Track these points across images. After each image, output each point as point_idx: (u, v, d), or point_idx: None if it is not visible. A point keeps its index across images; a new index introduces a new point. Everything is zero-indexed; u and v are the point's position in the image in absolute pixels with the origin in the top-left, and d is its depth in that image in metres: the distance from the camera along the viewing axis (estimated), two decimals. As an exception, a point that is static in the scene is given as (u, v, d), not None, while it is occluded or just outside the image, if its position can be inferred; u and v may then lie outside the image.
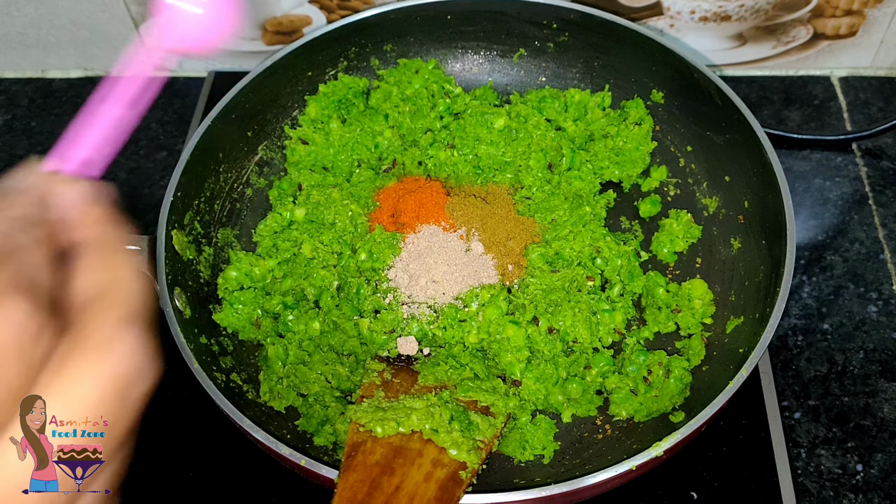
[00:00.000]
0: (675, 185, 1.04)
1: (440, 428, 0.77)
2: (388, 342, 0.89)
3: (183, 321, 0.84)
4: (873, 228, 1.07)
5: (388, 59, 1.12)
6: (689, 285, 0.93)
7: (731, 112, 0.95)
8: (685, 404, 0.85)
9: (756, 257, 0.91)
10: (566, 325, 0.89)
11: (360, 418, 0.77)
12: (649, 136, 1.03)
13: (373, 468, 0.73)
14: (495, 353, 0.89)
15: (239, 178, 1.04)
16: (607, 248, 0.95)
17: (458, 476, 0.74)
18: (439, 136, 1.05)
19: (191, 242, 0.93)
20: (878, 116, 1.18)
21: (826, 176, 1.12)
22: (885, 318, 0.99)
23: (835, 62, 1.22)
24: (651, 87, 1.06)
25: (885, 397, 0.93)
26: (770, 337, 0.79)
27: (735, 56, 1.22)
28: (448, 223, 0.95)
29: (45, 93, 1.27)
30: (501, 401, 0.83)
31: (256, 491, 0.86)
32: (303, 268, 0.93)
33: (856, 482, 0.87)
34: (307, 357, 0.88)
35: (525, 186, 1.01)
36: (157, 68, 0.55)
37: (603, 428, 0.87)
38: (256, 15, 1.19)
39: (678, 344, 0.92)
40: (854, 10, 1.14)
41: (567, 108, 1.07)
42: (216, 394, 0.78)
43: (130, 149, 1.19)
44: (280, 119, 1.08)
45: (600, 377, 0.88)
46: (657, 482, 0.85)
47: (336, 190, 0.99)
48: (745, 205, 0.95)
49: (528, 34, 1.10)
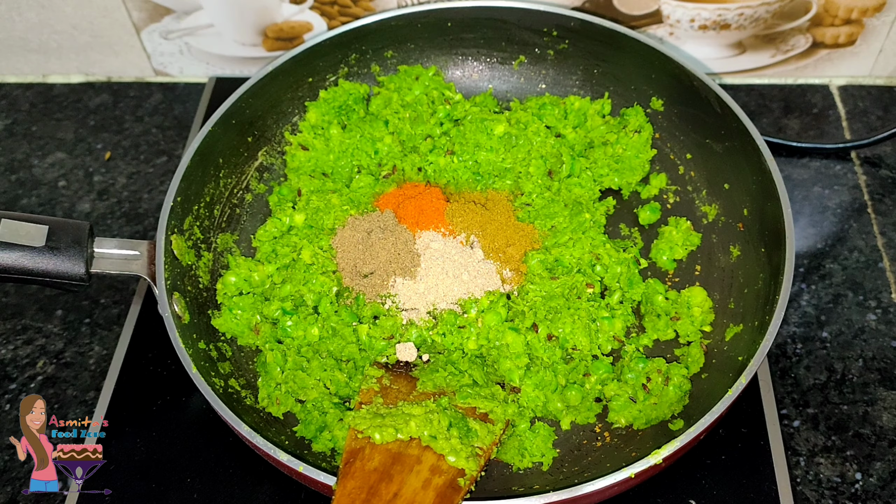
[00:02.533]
0: (674, 192, 1.04)
1: (439, 434, 0.77)
2: (387, 348, 0.89)
3: (181, 326, 0.84)
4: (872, 237, 1.07)
5: (389, 65, 1.12)
6: (688, 293, 0.93)
7: (731, 120, 0.95)
8: (684, 412, 0.85)
9: (755, 265, 0.91)
10: (565, 332, 0.89)
11: (359, 425, 0.77)
12: (649, 144, 1.03)
13: (371, 475, 0.73)
14: (494, 359, 0.88)
15: (239, 183, 1.04)
16: (607, 256, 0.95)
17: (457, 483, 0.74)
18: (439, 142, 1.05)
19: (190, 248, 0.93)
20: (876, 125, 1.18)
21: (825, 184, 1.12)
22: (884, 327, 0.99)
23: (834, 71, 1.22)
24: (651, 94, 1.06)
25: (883, 406, 0.93)
26: (769, 345, 0.79)
27: (734, 64, 1.22)
28: (447, 229, 0.95)
29: (45, 98, 1.27)
30: (500, 407, 0.83)
31: (255, 498, 0.86)
32: (302, 273, 0.93)
33: (854, 491, 0.87)
34: (305, 363, 0.88)
35: (525, 193, 1.01)
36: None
37: (602, 435, 0.87)
38: (257, 21, 1.20)
39: (677, 351, 0.91)
40: (853, 19, 1.14)
41: (567, 116, 1.07)
42: (214, 399, 0.78)
43: (131, 154, 1.20)
44: (280, 125, 1.08)
45: (599, 384, 0.88)
46: (656, 490, 0.85)
47: (335, 195, 0.99)
48: (744, 212, 0.96)
49: (528, 41, 1.10)
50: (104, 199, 1.14)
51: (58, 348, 1.00)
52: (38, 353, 1.00)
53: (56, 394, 0.96)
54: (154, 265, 0.86)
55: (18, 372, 0.98)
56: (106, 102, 1.26)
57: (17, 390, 0.96)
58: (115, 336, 1.00)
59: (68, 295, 1.04)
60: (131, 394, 0.93)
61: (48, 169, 1.18)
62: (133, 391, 0.94)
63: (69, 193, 1.15)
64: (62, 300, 1.04)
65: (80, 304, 1.04)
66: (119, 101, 1.26)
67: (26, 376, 0.98)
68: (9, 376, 0.98)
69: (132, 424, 0.91)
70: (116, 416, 0.91)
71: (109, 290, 1.05)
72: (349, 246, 0.93)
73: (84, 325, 1.02)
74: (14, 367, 0.99)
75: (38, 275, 0.81)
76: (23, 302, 1.04)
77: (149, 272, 0.85)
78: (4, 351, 1.00)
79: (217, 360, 0.88)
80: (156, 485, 0.87)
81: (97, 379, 0.97)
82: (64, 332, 1.01)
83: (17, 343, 1.01)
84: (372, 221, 0.95)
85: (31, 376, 0.98)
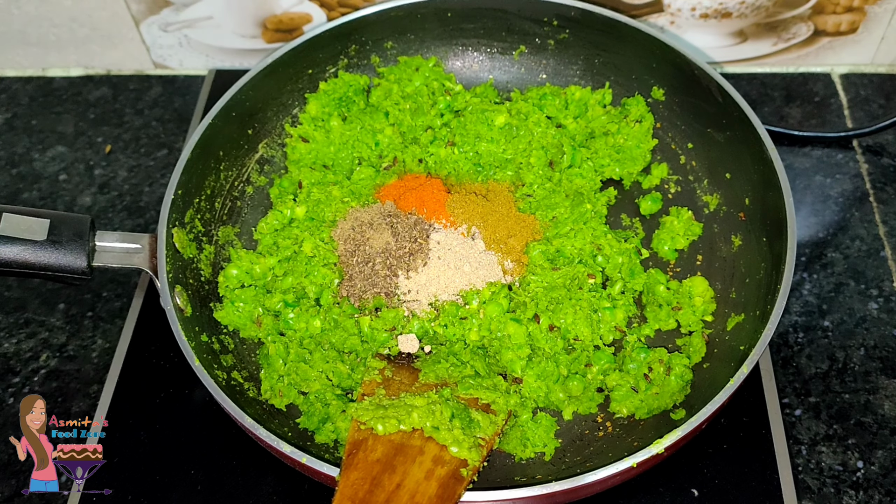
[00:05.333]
0: (675, 182, 1.04)
1: (441, 425, 0.77)
2: (389, 340, 0.89)
3: (184, 319, 0.84)
4: (874, 225, 1.07)
5: (389, 56, 1.12)
6: (689, 283, 0.93)
7: (732, 109, 0.95)
8: (686, 401, 0.85)
9: (757, 255, 0.91)
10: (567, 322, 0.89)
11: (362, 416, 0.78)
12: (650, 134, 1.03)
13: (374, 466, 0.73)
14: (496, 350, 0.89)
15: (240, 176, 1.04)
16: (608, 246, 0.94)
17: (459, 473, 0.74)
18: (440, 133, 1.04)
19: (192, 240, 0.93)
20: (878, 113, 1.18)
21: (827, 173, 1.12)
22: (885, 315, 0.99)
23: (835, 59, 1.22)
24: (652, 84, 1.06)
25: (885, 394, 0.93)
26: (771, 334, 0.79)
27: (736, 53, 1.21)
28: (449, 221, 0.95)
29: (45, 91, 1.27)
30: (502, 398, 0.84)
31: (258, 489, 0.86)
32: (303, 266, 0.93)
33: (856, 479, 0.87)
34: (308, 355, 0.88)
35: (526, 184, 1.01)
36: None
37: (604, 425, 0.87)
38: (257, 13, 1.19)
39: (679, 341, 0.91)
40: (855, 7, 1.14)
41: (568, 106, 1.06)
42: (217, 392, 0.78)
43: (131, 147, 1.20)
44: (281, 117, 1.08)
45: (601, 375, 0.88)
46: (658, 479, 0.85)
47: (336, 187, 0.99)
48: (745, 202, 0.95)
49: (528, 31, 1.10)
50: (105, 193, 1.14)
51: (61, 342, 1.00)
52: (42, 347, 1.00)
53: (59, 387, 0.96)
54: (156, 258, 0.86)
55: (22, 365, 0.98)
56: (106, 95, 1.26)
57: (20, 384, 0.97)
58: (118, 329, 1.00)
59: (71, 288, 1.05)
60: (134, 387, 0.94)
61: (49, 163, 1.18)
62: (136, 384, 0.94)
63: (70, 187, 1.15)
64: (64, 293, 1.04)
65: (82, 298, 1.04)
66: (119, 94, 1.26)
67: (29, 370, 0.98)
68: (12, 370, 0.98)
69: (135, 417, 0.91)
70: (119, 409, 0.92)
71: (112, 284, 1.05)
72: (350, 238, 0.93)
73: (87, 318, 1.02)
74: (17, 360, 0.99)
75: (40, 268, 0.81)
76: (25, 295, 1.04)
77: (150, 265, 0.86)
78: (7, 345, 1.00)
79: (220, 352, 0.88)
80: (159, 476, 0.87)
81: (100, 372, 0.97)
82: (67, 325, 1.02)
83: (20, 336, 1.01)
84: (373, 213, 0.94)
85: (35, 370, 0.98)
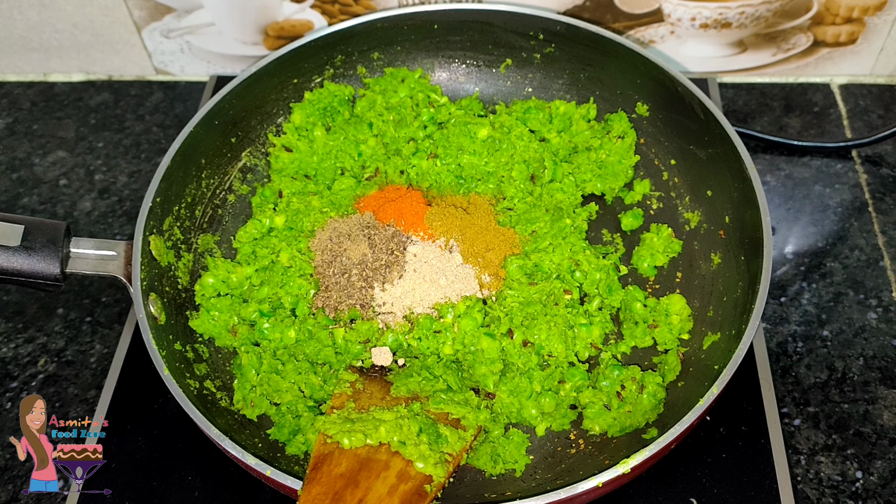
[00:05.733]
0: (657, 198, 1.03)
1: (408, 440, 0.77)
2: (363, 352, 0.89)
3: (157, 327, 0.84)
4: (873, 235, 1.06)
5: (375, 67, 1.12)
6: (667, 300, 0.92)
7: (714, 126, 0.94)
8: (659, 420, 0.84)
9: (735, 273, 0.90)
10: (541, 338, 0.88)
11: (328, 429, 0.77)
12: (632, 150, 1.02)
13: (337, 480, 0.73)
14: (470, 364, 0.88)
15: (222, 184, 1.04)
16: (586, 262, 0.94)
17: (423, 490, 0.74)
18: (422, 145, 1.04)
19: (170, 248, 0.93)
20: (877, 124, 1.17)
21: (826, 183, 1.11)
22: (884, 325, 0.98)
23: (835, 69, 1.21)
24: (636, 99, 1.05)
25: (884, 404, 0.92)
26: (743, 354, 0.78)
27: (735, 63, 1.21)
28: (427, 233, 0.95)
29: (47, 96, 1.28)
30: (472, 413, 0.83)
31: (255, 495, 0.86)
32: (280, 276, 0.93)
33: (855, 489, 0.86)
34: (280, 366, 0.88)
35: (507, 197, 1.00)
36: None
37: (576, 443, 0.86)
38: (258, 19, 1.20)
39: (655, 359, 0.91)
40: (854, 18, 1.13)
41: (552, 120, 1.06)
42: (185, 401, 0.78)
43: (132, 152, 1.20)
44: (265, 126, 1.08)
45: (574, 392, 0.87)
46: (657, 488, 0.85)
47: (316, 197, 0.99)
48: (726, 220, 0.94)
49: (514, 45, 1.10)
50: (105, 198, 1.15)
51: (59, 347, 1.01)
52: (40, 352, 1.00)
53: (57, 392, 0.97)
54: (131, 266, 0.86)
55: (20, 370, 0.99)
56: (107, 101, 1.27)
57: (18, 389, 0.97)
58: (117, 334, 1.00)
59: (69, 293, 1.05)
60: (132, 392, 0.94)
61: (49, 167, 1.19)
62: (134, 389, 0.94)
63: (70, 192, 1.16)
64: (63, 299, 1.05)
65: (81, 303, 1.04)
66: (120, 99, 1.27)
67: (27, 375, 0.98)
68: (10, 375, 0.99)
69: (133, 422, 0.91)
70: (118, 415, 0.92)
71: (111, 289, 1.05)
72: (327, 248, 0.93)
73: (85, 323, 1.03)
74: (15, 365, 0.99)
75: (13, 274, 0.81)
76: (24, 300, 1.05)
77: (125, 273, 0.85)
78: (6, 349, 1.01)
79: (193, 361, 0.88)
80: (157, 482, 0.87)
81: (98, 377, 0.97)
82: (65, 330, 1.02)
83: (18, 341, 1.01)
84: (351, 224, 0.95)
85: (33, 374, 0.98)
